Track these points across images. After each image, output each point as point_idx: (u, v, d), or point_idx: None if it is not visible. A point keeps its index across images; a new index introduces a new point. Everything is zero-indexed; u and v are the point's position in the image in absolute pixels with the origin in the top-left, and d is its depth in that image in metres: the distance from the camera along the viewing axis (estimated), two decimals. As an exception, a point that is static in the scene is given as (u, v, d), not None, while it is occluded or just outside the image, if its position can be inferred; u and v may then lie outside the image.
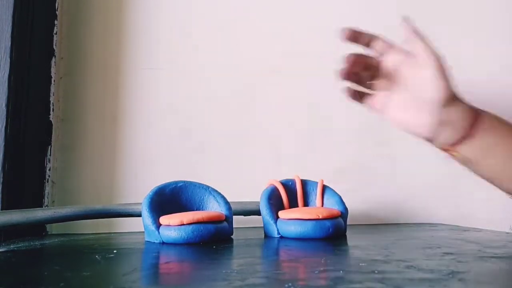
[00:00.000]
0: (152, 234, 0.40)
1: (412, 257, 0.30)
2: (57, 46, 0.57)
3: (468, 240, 0.39)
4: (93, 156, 0.58)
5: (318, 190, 0.47)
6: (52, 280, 0.25)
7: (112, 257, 0.31)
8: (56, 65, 0.57)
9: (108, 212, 0.48)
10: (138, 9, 0.61)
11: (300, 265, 0.28)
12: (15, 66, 0.48)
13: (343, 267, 0.26)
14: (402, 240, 0.40)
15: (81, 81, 0.59)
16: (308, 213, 0.42)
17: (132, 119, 0.59)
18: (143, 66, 0.60)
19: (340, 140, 0.63)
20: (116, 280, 0.25)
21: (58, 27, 0.57)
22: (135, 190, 0.58)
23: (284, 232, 0.42)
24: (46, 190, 0.55)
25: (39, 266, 0.30)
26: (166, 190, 0.43)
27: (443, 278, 0.23)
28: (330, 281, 0.23)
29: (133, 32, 0.60)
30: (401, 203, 0.63)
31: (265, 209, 0.44)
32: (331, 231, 0.41)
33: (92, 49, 0.59)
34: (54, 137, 0.56)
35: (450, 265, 0.26)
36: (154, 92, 0.60)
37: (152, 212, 0.41)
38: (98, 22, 0.60)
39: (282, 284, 0.21)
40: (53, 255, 0.37)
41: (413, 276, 0.24)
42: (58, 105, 0.58)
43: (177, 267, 0.29)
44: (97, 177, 0.58)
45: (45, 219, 0.44)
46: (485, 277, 0.24)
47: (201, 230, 0.39)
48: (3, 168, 0.46)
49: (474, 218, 0.63)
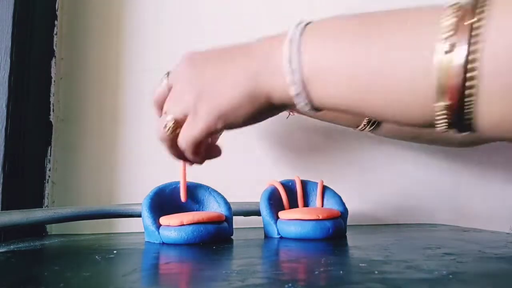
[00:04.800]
0: (152, 234, 0.40)
1: (412, 257, 0.30)
2: (57, 46, 0.57)
3: (468, 240, 0.39)
4: (93, 156, 0.58)
5: (318, 191, 0.47)
6: (52, 280, 0.25)
7: (112, 258, 0.31)
8: (56, 66, 0.57)
9: (108, 212, 0.48)
10: (138, 9, 0.61)
11: (300, 266, 0.28)
12: (15, 66, 0.48)
13: (343, 268, 0.26)
14: (402, 240, 0.40)
15: (81, 82, 0.59)
16: (308, 213, 0.42)
17: (132, 119, 0.59)
18: (143, 67, 0.60)
19: (340, 140, 0.63)
20: (116, 280, 0.25)
21: (58, 27, 0.57)
22: (135, 190, 0.58)
23: (284, 232, 0.42)
24: (46, 190, 0.55)
25: (39, 266, 0.30)
26: (166, 190, 0.43)
27: (443, 279, 0.23)
28: (330, 281, 0.23)
29: (134, 32, 0.60)
30: (401, 203, 0.63)
31: (265, 210, 0.44)
32: (331, 231, 0.41)
33: (92, 49, 0.59)
34: (54, 137, 0.56)
35: (450, 266, 0.26)
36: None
37: (152, 212, 0.41)
38: (98, 22, 0.60)
39: (282, 285, 0.21)
40: (53, 255, 0.37)
41: (413, 277, 0.23)
42: (58, 105, 0.58)
43: (177, 268, 0.29)
44: (97, 177, 0.58)
45: (45, 220, 0.44)
46: (486, 277, 0.24)
47: (201, 230, 0.39)
48: (3, 168, 0.46)
49: (474, 219, 0.63)
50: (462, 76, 0.20)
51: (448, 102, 0.21)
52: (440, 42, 0.20)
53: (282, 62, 0.26)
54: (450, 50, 0.20)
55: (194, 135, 0.31)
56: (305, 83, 0.26)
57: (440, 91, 0.21)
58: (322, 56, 0.25)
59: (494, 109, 0.20)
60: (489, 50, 0.19)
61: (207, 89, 0.29)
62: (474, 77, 0.19)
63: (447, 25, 0.20)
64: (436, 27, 0.21)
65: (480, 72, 0.19)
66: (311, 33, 0.26)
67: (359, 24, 0.25)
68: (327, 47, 0.25)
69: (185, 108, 0.31)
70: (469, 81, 0.20)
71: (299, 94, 0.27)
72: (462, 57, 0.19)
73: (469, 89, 0.20)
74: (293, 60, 0.26)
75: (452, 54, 0.20)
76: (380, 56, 0.23)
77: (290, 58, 0.26)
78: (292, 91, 0.27)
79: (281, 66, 0.26)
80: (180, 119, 0.32)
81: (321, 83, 0.26)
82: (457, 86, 0.20)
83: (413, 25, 0.22)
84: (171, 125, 0.31)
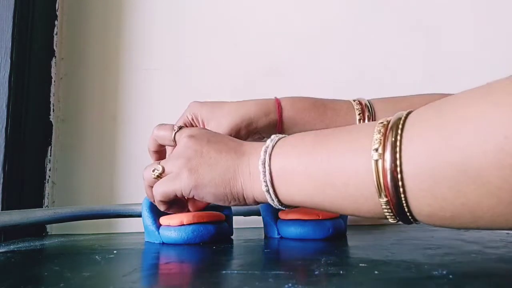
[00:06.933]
0: (152, 234, 0.40)
1: (412, 257, 0.30)
2: (57, 46, 0.57)
3: (468, 240, 0.39)
4: (93, 156, 0.58)
5: (318, 191, 0.47)
6: (52, 280, 0.25)
7: (112, 258, 0.31)
8: (56, 66, 0.57)
9: (108, 212, 0.48)
10: (138, 9, 0.61)
11: (300, 265, 0.28)
12: (16, 66, 0.48)
13: (343, 268, 0.26)
14: (402, 240, 0.40)
15: (81, 82, 0.59)
16: (308, 213, 0.42)
17: (132, 119, 0.59)
18: (143, 66, 0.60)
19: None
20: (116, 280, 0.25)
21: (58, 27, 0.57)
22: (135, 190, 0.58)
23: (284, 232, 0.42)
24: (46, 190, 0.55)
25: (39, 266, 0.30)
26: (166, 190, 0.43)
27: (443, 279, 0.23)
28: (330, 281, 0.23)
29: (133, 32, 0.60)
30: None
31: (265, 210, 0.44)
32: (331, 231, 0.41)
33: (92, 49, 0.59)
34: (54, 137, 0.56)
35: (450, 266, 0.26)
36: (154, 92, 0.60)
37: (152, 212, 0.41)
38: (98, 22, 0.60)
39: (282, 285, 0.21)
40: (53, 255, 0.37)
41: (413, 277, 0.23)
42: (58, 105, 0.58)
43: (177, 268, 0.29)
44: (97, 177, 0.58)
45: (45, 220, 0.44)
46: (485, 277, 0.24)
47: (201, 230, 0.39)
48: (3, 168, 0.46)
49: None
50: (391, 177, 0.24)
51: (387, 198, 0.25)
52: (373, 151, 0.25)
53: (258, 164, 0.32)
54: (379, 158, 0.25)
55: (167, 190, 0.35)
56: (273, 182, 0.32)
57: (379, 189, 0.25)
58: (286, 161, 0.31)
59: (422, 204, 0.24)
60: (407, 158, 0.24)
61: (198, 161, 0.34)
62: (400, 178, 0.24)
63: (375, 138, 0.26)
64: (371, 139, 0.26)
65: (403, 175, 0.24)
66: (280, 145, 0.33)
67: (314, 136, 0.31)
68: (290, 155, 0.31)
69: (174, 166, 0.36)
70: (398, 181, 0.24)
71: (268, 191, 0.32)
72: (388, 163, 0.24)
73: (399, 187, 0.24)
74: (266, 163, 0.32)
75: (381, 161, 0.25)
76: (330, 159, 0.28)
77: (264, 161, 0.32)
78: (263, 188, 0.32)
79: (257, 166, 0.33)
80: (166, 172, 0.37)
81: (286, 182, 0.31)
82: (390, 185, 0.24)
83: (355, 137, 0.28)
84: (158, 173, 0.36)
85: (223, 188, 0.34)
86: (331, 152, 0.29)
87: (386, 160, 0.24)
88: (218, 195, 0.34)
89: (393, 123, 0.26)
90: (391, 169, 0.24)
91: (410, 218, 0.26)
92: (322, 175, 0.29)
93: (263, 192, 0.33)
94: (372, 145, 0.26)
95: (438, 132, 0.23)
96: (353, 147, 0.27)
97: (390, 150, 0.24)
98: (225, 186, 0.34)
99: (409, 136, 0.24)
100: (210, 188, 0.34)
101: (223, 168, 0.34)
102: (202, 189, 0.34)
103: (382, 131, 0.26)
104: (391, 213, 0.26)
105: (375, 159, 0.25)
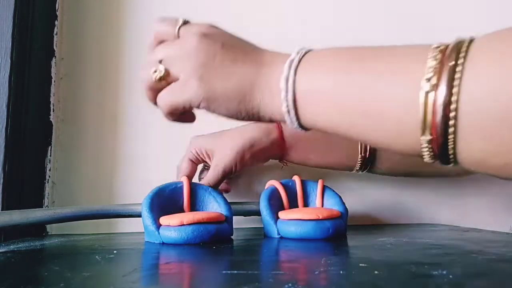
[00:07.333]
0: (152, 234, 0.40)
1: (412, 257, 0.30)
2: (57, 46, 0.57)
3: (469, 240, 0.39)
4: (93, 156, 0.58)
5: (318, 191, 0.47)
6: (52, 280, 0.25)
7: (112, 258, 0.31)
8: (56, 66, 0.57)
9: (108, 212, 0.48)
10: (138, 9, 0.61)
11: (300, 266, 0.28)
12: (15, 66, 0.48)
13: (343, 268, 0.26)
14: (402, 240, 0.40)
15: (81, 82, 0.59)
16: (308, 213, 0.42)
17: (132, 119, 0.59)
18: (143, 67, 0.60)
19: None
20: (116, 280, 0.25)
21: (58, 27, 0.57)
22: (135, 190, 0.57)
23: (284, 232, 0.42)
24: (46, 190, 0.55)
25: (39, 266, 0.30)
26: (166, 190, 0.43)
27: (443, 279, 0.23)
28: (330, 281, 0.23)
29: (133, 32, 0.60)
30: (401, 203, 0.63)
31: (265, 210, 0.44)
32: (331, 231, 0.41)
33: (92, 49, 0.59)
34: (54, 137, 0.56)
35: (450, 266, 0.26)
36: (154, 92, 0.60)
37: (152, 212, 0.41)
38: (98, 22, 0.60)
39: (282, 285, 0.21)
40: (53, 255, 0.37)
41: (413, 277, 0.23)
42: (59, 105, 0.58)
43: (177, 268, 0.29)
44: (97, 177, 0.58)
45: (45, 220, 0.44)
46: (485, 277, 0.24)
47: (201, 230, 0.39)
48: (3, 169, 0.46)
49: (474, 218, 0.63)
50: (442, 114, 0.21)
51: (431, 137, 0.22)
52: (424, 81, 0.21)
53: (280, 79, 0.28)
54: (431, 90, 0.21)
55: (175, 102, 0.31)
56: (296, 103, 0.28)
57: (424, 125, 0.22)
58: (314, 80, 0.27)
59: (474, 148, 0.21)
60: (467, 94, 0.20)
61: (209, 69, 0.30)
62: (454, 117, 0.21)
63: (430, 66, 0.21)
64: (422, 65, 0.22)
65: (458, 113, 0.21)
66: (309, 59, 0.28)
67: (352, 56, 0.26)
68: (319, 72, 0.27)
69: (182, 72, 0.31)
70: (450, 119, 0.21)
71: (288, 112, 0.28)
72: (442, 97, 0.21)
73: (450, 127, 0.21)
74: (289, 79, 0.27)
75: (434, 93, 0.21)
76: (368, 83, 0.24)
77: (287, 77, 0.27)
78: (284, 108, 0.28)
79: (279, 82, 0.28)
80: (171, 75, 0.31)
81: (311, 105, 0.27)
82: (439, 123, 0.21)
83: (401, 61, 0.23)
84: (161, 75, 0.31)
85: (237, 104, 0.29)
86: (369, 75, 0.24)
87: (440, 93, 0.21)
88: (231, 109, 0.30)
89: (453, 49, 0.22)
90: (444, 104, 0.20)
91: (452, 161, 0.23)
92: (355, 101, 0.25)
93: (283, 113, 0.28)
94: (424, 74, 0.21)
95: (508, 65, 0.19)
96: (399, 72, 0.23)
97: (446, 82, 0.20)
98: (239, 101, 0.29)
99: (473, 67, 0.20)
100: (222, 101, 0.30)
101: (238, 81, 0.29)
102: (214, 102, 0.30)
103: (438, 57, 0.21)
104: (431, 153, 0.23)
105: (426, 91, 0.21)
